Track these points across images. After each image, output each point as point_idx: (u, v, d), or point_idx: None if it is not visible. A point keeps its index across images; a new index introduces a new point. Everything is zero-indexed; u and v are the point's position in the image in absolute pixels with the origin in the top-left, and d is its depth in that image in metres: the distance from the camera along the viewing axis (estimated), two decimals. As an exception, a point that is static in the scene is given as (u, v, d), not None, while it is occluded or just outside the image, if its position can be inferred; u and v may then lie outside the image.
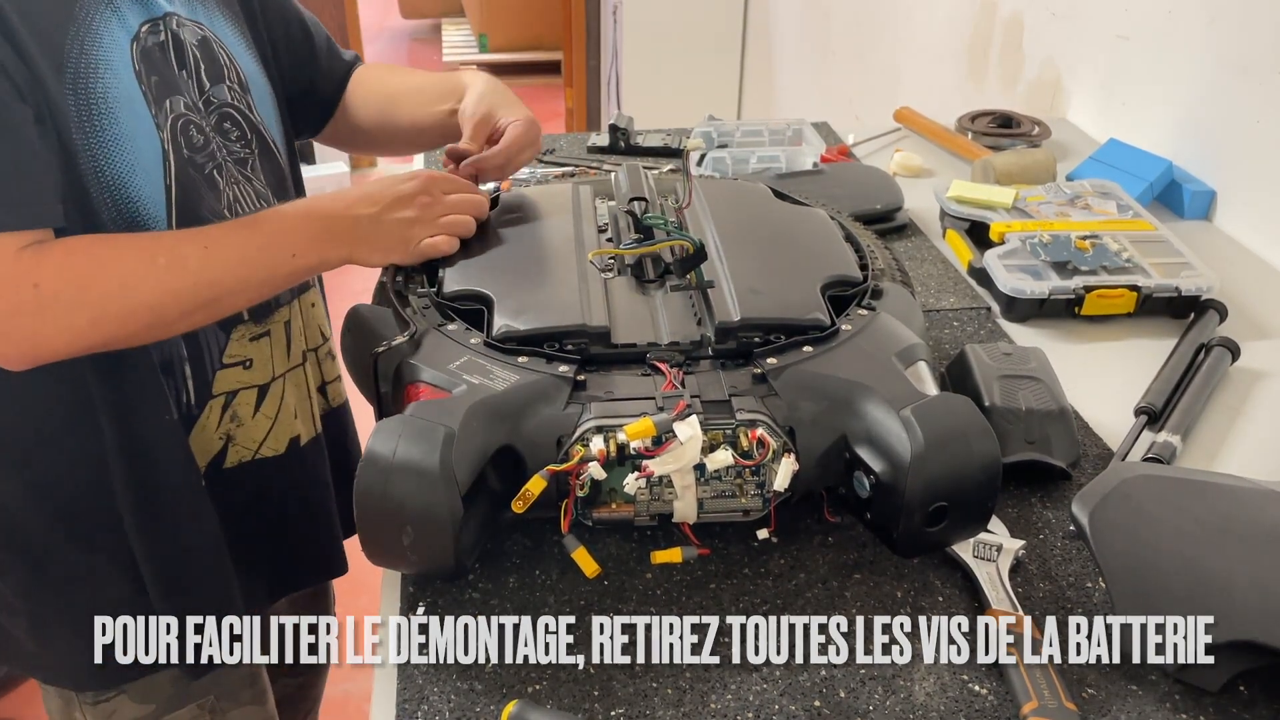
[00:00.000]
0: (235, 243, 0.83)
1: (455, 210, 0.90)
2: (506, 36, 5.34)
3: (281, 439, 0.98)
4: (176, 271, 0.79)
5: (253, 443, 0.96)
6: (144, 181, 0.82)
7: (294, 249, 0.84)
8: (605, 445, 0.71)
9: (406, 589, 0.76)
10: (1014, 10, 1.84)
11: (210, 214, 0.87)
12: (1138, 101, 1.51)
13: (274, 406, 0.97)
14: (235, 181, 0.91)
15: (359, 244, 0.86)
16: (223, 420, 0.93)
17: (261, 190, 0.95)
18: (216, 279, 0.81)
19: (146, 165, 0.82)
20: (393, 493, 0.68)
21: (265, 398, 0.96)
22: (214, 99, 0.90)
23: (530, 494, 0.70)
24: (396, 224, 0.86)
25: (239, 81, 0.94)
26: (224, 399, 0.93)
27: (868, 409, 0.73)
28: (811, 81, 2.92)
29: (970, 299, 1.15)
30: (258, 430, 0.96)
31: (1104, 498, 0.71)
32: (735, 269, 0.86)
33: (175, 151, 0.84)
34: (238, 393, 0.94)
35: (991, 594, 0.74)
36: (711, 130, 1.48)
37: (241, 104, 0.93)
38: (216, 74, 0.91)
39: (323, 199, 0.88)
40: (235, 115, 0.92)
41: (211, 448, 0.93)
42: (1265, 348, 1.06)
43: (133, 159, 0.81)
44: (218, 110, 0.91)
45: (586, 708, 0.67)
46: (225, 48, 0.93)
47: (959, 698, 0.68)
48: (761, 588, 0.76)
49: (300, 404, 1.00)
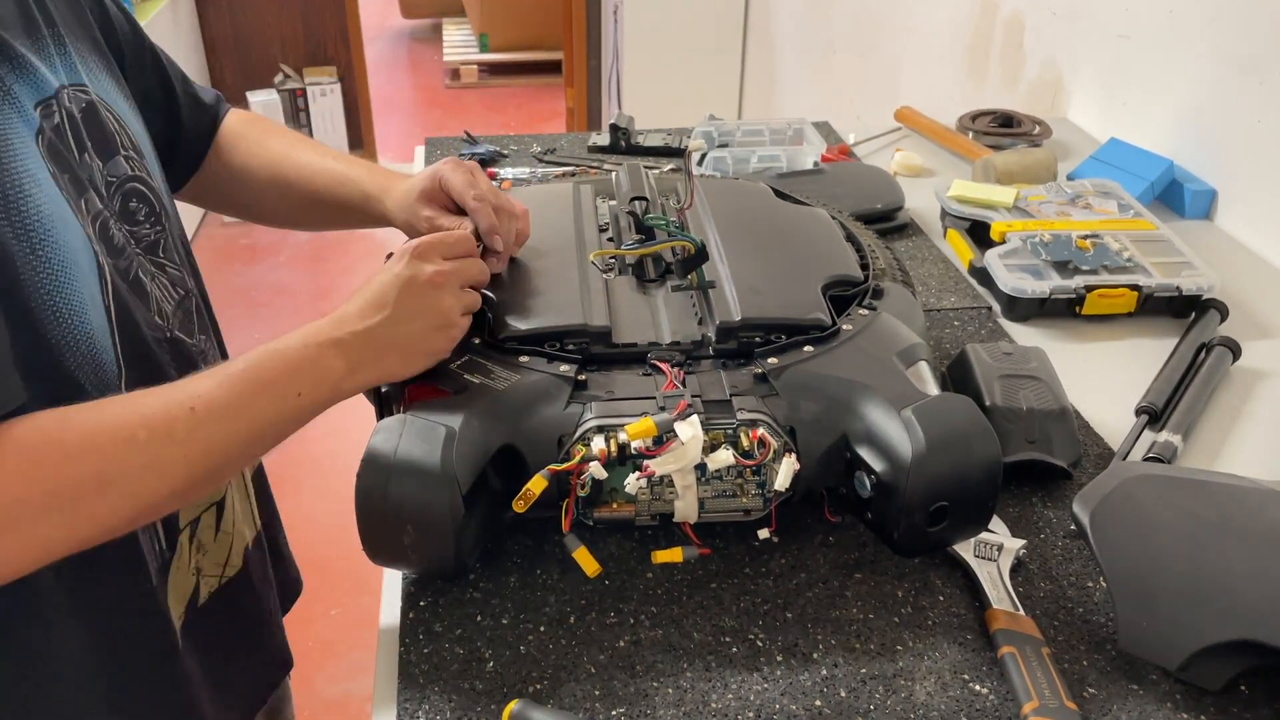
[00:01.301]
0: (227, 396, 0.67)
1: (465, 276, 0.77)
2: (507, 36, 5.34)
3: (238, 551, 0.89)
4: (163, 445, 0.64)
5: (217, 567, 0.86)
6: (93, 309, 0.68)
7: (299, 387, 0.69)
8: (606, 445, 0.71)
9: (407, 588, 0.76)
10: (1015, 9, 1.84)
11: (147, 327, 0.75)
12: (1139, 101, 1.51)
13: (230, 520, 0.87)
14: (154, 275, 0.78)
15: (385, 357, 0.72)
16: (191, 554, 0.82)
17: (176, 274, 0.81)
18: (212, 445, 0.66)
19: (92, 289, 0.68)
20: (393, 492, 0.68)
21: (223, 514, 0.86)
22: (112, 177, 0.76)
23: (531, 493, 0.70)
24: (420, 314, 0.73)
25: (133, 146, 0.80)
26: (189, 529, 0.81)
27: (868, 409, 0.73)
28: (812, 81, 2.92)
29: (971, 298, 1.15)
30: (219, 553, 0.86)
31: (1105, 497, 0.71)
32: (736, 269, 0.86)
33: (107, 263, 0.71)
34: (199, 518, 0.83)
35: (992, 593, 0.74)
36: (712, 130, 1.48)
37: (142, 172, 0.80)
38: (109, 146, 0.76)
39: (316, 325, 0.72)
40: (139, 189, 0.79)
41: (186, 588, 0.82)
42: (1266, 347, 1.06)
43: (80, 285, 0.67)
44: (120, 190, 0.77)
45: (587, 707, 0.67)
46: (110, 109, 0.78)
47: (960, 697, 0.68)
48: (762, 587, 0.76)
49: (242, 504, 0.90)
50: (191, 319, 0.83)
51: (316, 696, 2.04)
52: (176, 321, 0.80)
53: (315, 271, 3.66)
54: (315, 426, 1.09)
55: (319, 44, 4.19)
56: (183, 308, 0.82)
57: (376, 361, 0.72)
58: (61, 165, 0.69)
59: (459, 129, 1.52)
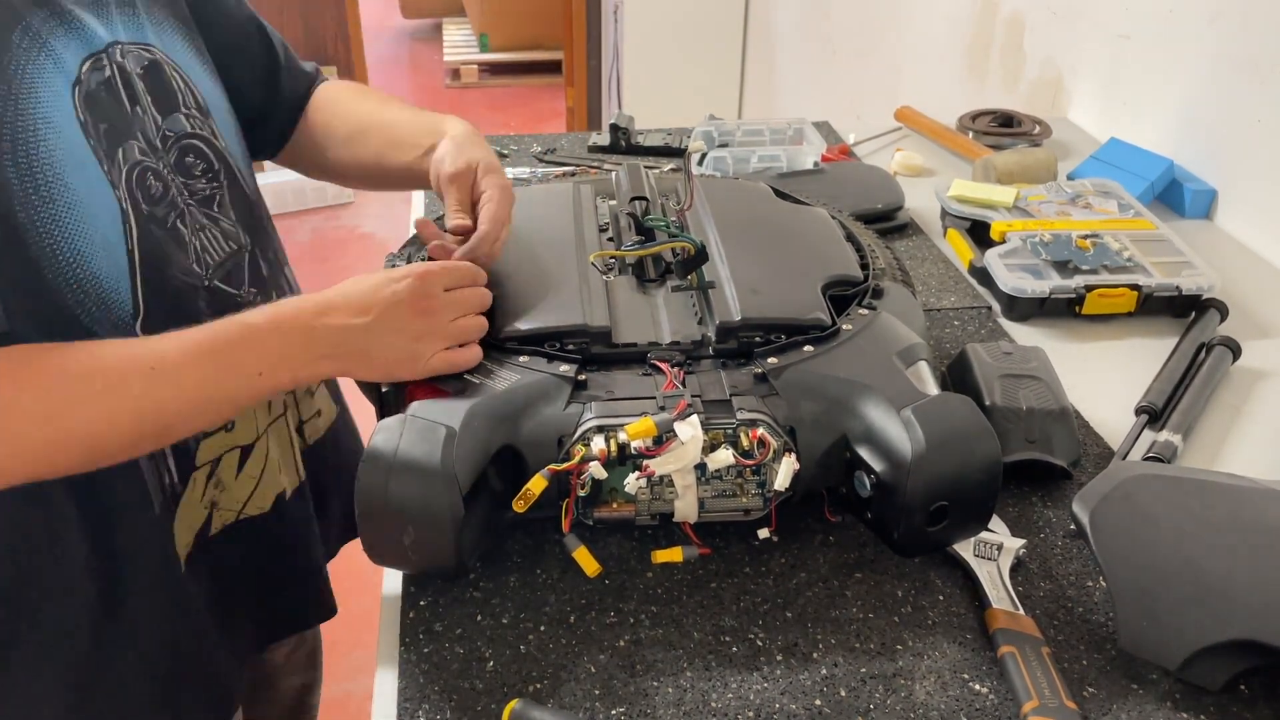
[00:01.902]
0: (189, 361, 0.69)
1: (462, 309, 0.77)
2: (507, 36, 5.34)
3: (267, 496, 0.91)
4: (116, 396, 0.67)
5: (236, 504, 0.88)
6: (104, 253, 0.72)
7: (260, 366, 0.71)
8: (606, 445, 0.71)
9: (408, 588, 0.76)
10: (1015, 9, 1.84)
11: (180, 274, 0.78)
12: (1139, 100, 1.51)
13: (259, 465, 0.89)
14: (200, 228, 0.82)
15: (348, 359, 0.73)
16: (207, 489, 0.85)
17: (230, 230, 0.85)
18: (164, 405, 0.69)
19: (105, 232, 0.72)
20: (394, 492, 0.68)
21: (249, 457, 0.88)
22: (170, 132, 0.80)
23: (531, 493, 0.70)
24: (397, 337, 0.73)
25: (197, 105, 0.84)
26: (208, 468, 0.84)
27: (868, 409, 0.73)
28: (812, 81, 2.92)
29: (971, 298, 1.15)
30: (241, 491, 0.88)
31: (1105, 497, 0.71)
32: (736, 268, 0.86)
33: (134, 210, 0.74)
34: (221, 458, 0.85)
35: (992, 593, 0.74)
36: (712, 129, 1.48)
37: (204, 131, 0.84)
38: (170, 103, 0.81)
39: (298, 304, 0.74)
40: (198, 146, 0.83)
41: (196, 520, 0.85)
42: (1266, 347, 1.06)
43: (89, 228, 0.70)
44: (176, 145, 0.81)
45: (587, 707, 0.67)
46: (178, 69, 0.83)
47: (960, 697, 0.68)
48: (762, 587, 0.76)
49: (284, 455, 0.93)
50: (242, 272, 0.86)
51: (317, 696, 2.04)
52: (221, 272, 0.83)
53: (315, 271, 3.66)
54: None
55: (319, 43, 4.18)
56: (232, 261, 0.85)
57: (340, 360, 0.73)
58: (99, 115, 0.73)
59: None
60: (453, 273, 0.78)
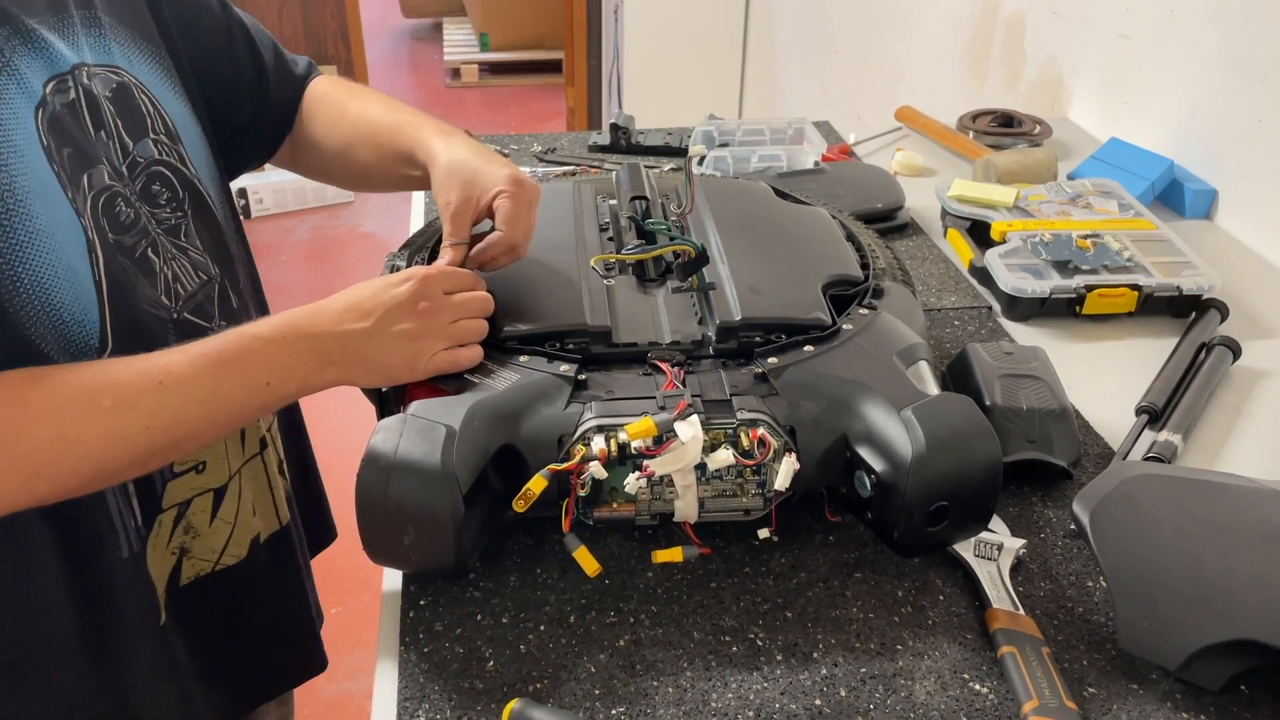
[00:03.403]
0: (197, 374, 0.69)
1: (463, 313, 0.77)
2: (507, 35, 5.34)
3: (242, 543, 0.88)
4: (126, 414, 0.66)
5: (211, 553, 0.85)
6: (68, 283, 0.69)
7: (268, 377, 0.71)
8: (606, 445, 0.71)
9: (408, 588, 0.76)
10: (1015, 9, 1.84)
11: (148, 305, 0.75)
12: (1139, 100, 1.51)
13: (232, 509, 0.86)
14: (171, 257, 0.79)
15: (352, 365, 0.73)
16: (174, 534, 0.82)
17: (199, 260, 0.83)
18: (175, 420, 0.68)
19: (70, 261, 0.69)
20: (394, 492, 0.68)
21: (223, 500, 0.85)
22: (140, 158, 0.78)
23: (531, 493, 0.70)
24: (397, 339, 0.73)
25: (166, 130, 0.81)
26: (175, 511, 0.81)
27: (869, 408, 0.73)
28: (813, 80, 2.92)
29: (971, 298, 1.15)
30: (216, 539, 0.85)
31: (1105, 497, 0.71)
32: (736, 268, 0.86)
33: (100, 238, 0.71)
34: (191, 501, 0.82)
35: (992, 593, 0.74)
36: (713, 129, 1.48)
37: (172, 157, 0.81)
38: (138, 127, 0.78)
39: (302, 314, 0.73)
40: (165, 173, 0.80)
41: (165, 566, 0.82)
42: (1266, 347, 1.06)
43: (53, 257, 0.67)
44: (145, 171, 0.78)
45: (587, 706, 0.67)
46: (146, 92, 0.80)
47: (960, 697, 0.68)
48: (762, 587, 0.76)
49: (259, 497, 0.90)
50: (212, 304, 0.84)
51: (316, 696, 2.04)
52: (191, 304, 0.81)
53: (315, 271, 3.66)
54: (316, 425, 1.09)
55: (319, 43, 4.19)
56: (203, 292, 0.83)
57: (344, 366, 0.73)
58: (63, 139, 0.70)
59: (460, 128, 1.52)
60: (452, 276, 0.78)
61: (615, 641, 0.72)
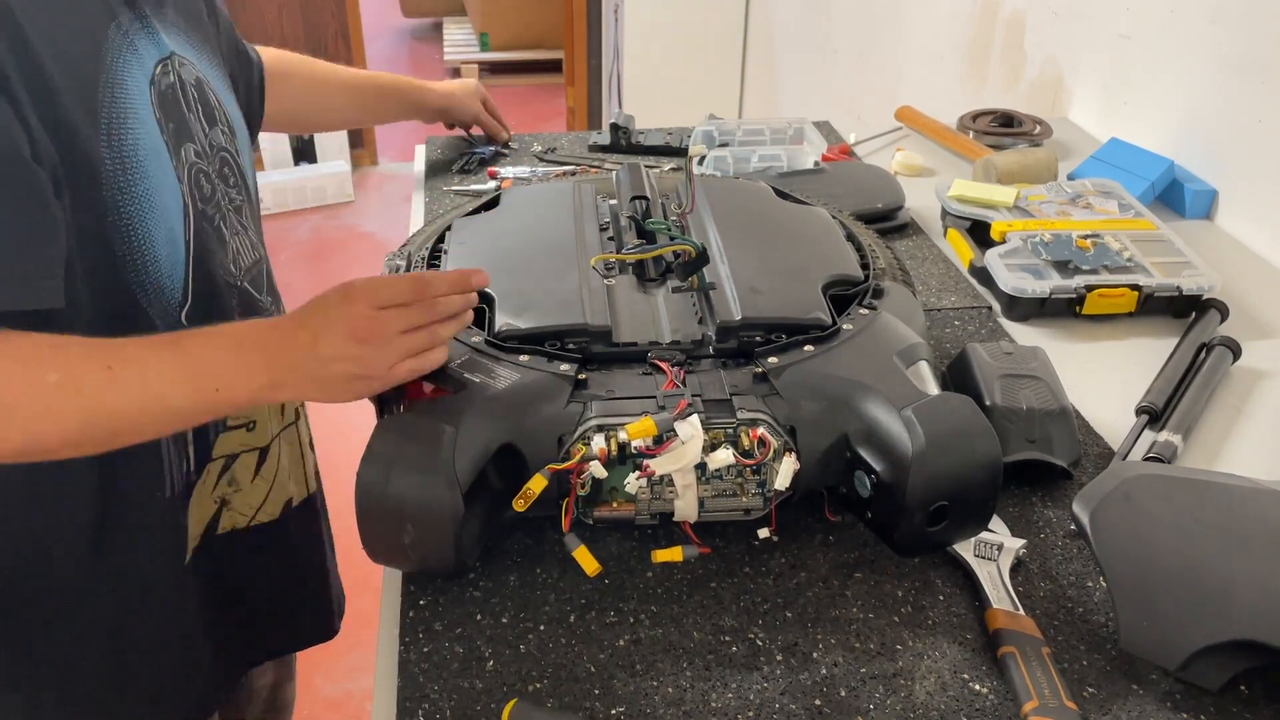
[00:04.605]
0: (148, 369, 0.69)
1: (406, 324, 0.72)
2: (508, 35, 5.34)
3: (276, 503, 0.93)
4: (67, 394, 0.66)
5: (249, 508, 0.90)
6: (166, 240, 0.77)
7: (219, 382, 0.70)
8: (606, 444, 0.71)
9: (408, 587, 0.76)
10: (1015, 9, 1.84)
11: (220, 270, 0.83)
12: (1139, 101, 1.51)
13: (271, 469, 0.91)
14: (236, 232, 0.88)
15: (305, 385, 0.72)
16: (219, 484, 0.87)
17: (255, 241, 0.91)
18: (115, 409, 0.68)
19: (170, 221, 0.77)
20: (394, 491, 0.68)
21: (265, 460, 0.90)
22: (213, 144, 0.86)
23: (531, 492, 0.70)
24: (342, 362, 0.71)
25: (228, 125, 0.89)
26: (223, 462, 0.86)
27: (869, 408, 0.73)
28: (813, 80, 2.92)
29: (971, 298, 1.15)
30: (255, 495, 0.90)
31: (1105, 497, 0.71)
32: (736, 268, 0.86)
33: (193, 204, 0.80)
34: (238, 455, 0.87)
35: (992, 593, 0.74)
36: (713, 129, 1.48)
37: (232, 148, 0.89)
38: (211, 117, 0.86)
39: (261, 326, 0.74)
40: (231, 160, 0.88)
41: (205, 513, 0.87)
42: (1266, 347, 1.06)
43: (159, 216, 0.75)
44: (218, 155, 0.86)
45: (587, 706, 0.67)
46: (214, 90, 0.88)
47: (959, 697, 0.68)
48: (762, 587, 0.76)
49: (293, 464, 0.95)
50: (262, 280, 0.92)
51: (316, 695, 2.04)
52: (249, 277, 0.89)
53: (315, 270, 3.66)
54: (315, 425, 1.09)
55: (319, 42, 4.18)
56: (256, 268, 0.91)
57: (299, 385, 0.72)
58: (169, 114, 0.79)
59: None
60: (391, 287, 0.72)
61: (615, 641, 0.72)
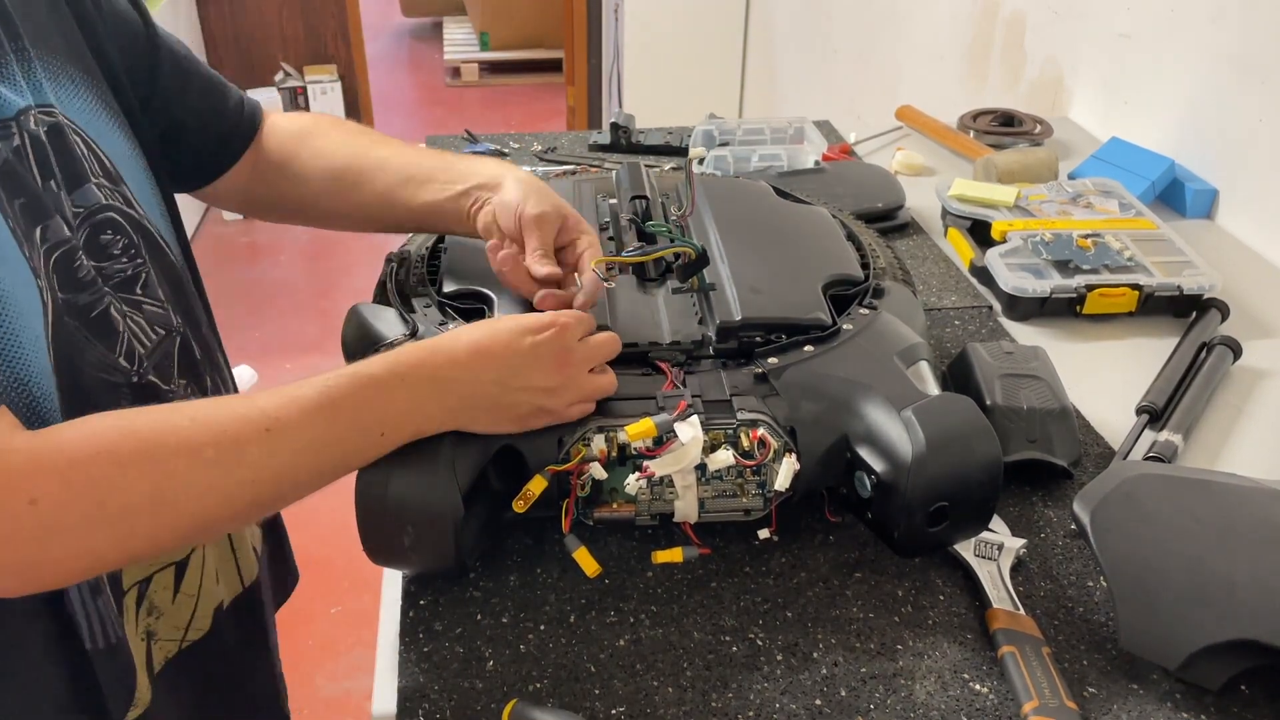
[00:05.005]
0: (307, 421, 0.62)
1: (596, 359, 0.72)
2: (508, 34, 5.34)
3: (204, 614, 0.80)
4: (229, 467, 0.59)
5: (177, 631, 0.78)
6: (33, 350, 0.62)
7: (384, 425, 0.64)
8: (606, 445, 0.71)
9: (408, 588, 0.76)
10: (1016, 9, 1.84)
11: (97, 370, 0.67)
12: (1140, 100, 1.51)
13: (195, 580, 0.79)
14: (129, 312, 0.72)
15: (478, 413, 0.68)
16: (139, 617, 0.74)
17: (159, 312, 0.75)
18: (282, 472, 0.61)
19: (31, 325, 0.62)
20: (393, 492, 0.68)
21: (184, 573, 0.78)
22: (79, 208, 0.69)
23: (531, 493, 0.70)
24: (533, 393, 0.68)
25: (105, 172, 0.72)
26: (136, 591, 0.74)
27: (869, 409, 0.73)
28: (813, 80, 2.92)
29: (972, 298, 1.15)
30: (180, 615, 0.78)
31: (1105, 497, 0.70)
32: (736, 268, 0.86)
33: (52, 298, 0.64)
34: (151, 578, 0.75)
35: (993, 593, 0.74)
36: (713, 128, 1.48)
37: (117, 200, 0.72)
38: (76, 173, 0.69)
39: (419, 353, 0.67)
40: (114, 219, 0.72)
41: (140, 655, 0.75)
42: (1267, 346, 1.06)
43: (17, 324, 0.60)
44: (89, 221, 0.69)
45: (587, 706, 0.67)
46: (80, 131, 0.71)
47: (960, 697, 0.68)
48: (762, 587, 0.76)
49: (222, 562, 0.83)
50: (172, 361, 0.76)
51: (316, 695, 2.04)
52: (152, 363, 0.73)
53: (316, 270, 3.66)
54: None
55: (319, 42, 4.18)
56: (161, 349, 0.75)
57: (470, 413, 0.68)
58: (15, 190, 0.63)
59: (460, 127, 1.52)
60: (585, 322, 0.73)
61: (615, 641, 0.72)
